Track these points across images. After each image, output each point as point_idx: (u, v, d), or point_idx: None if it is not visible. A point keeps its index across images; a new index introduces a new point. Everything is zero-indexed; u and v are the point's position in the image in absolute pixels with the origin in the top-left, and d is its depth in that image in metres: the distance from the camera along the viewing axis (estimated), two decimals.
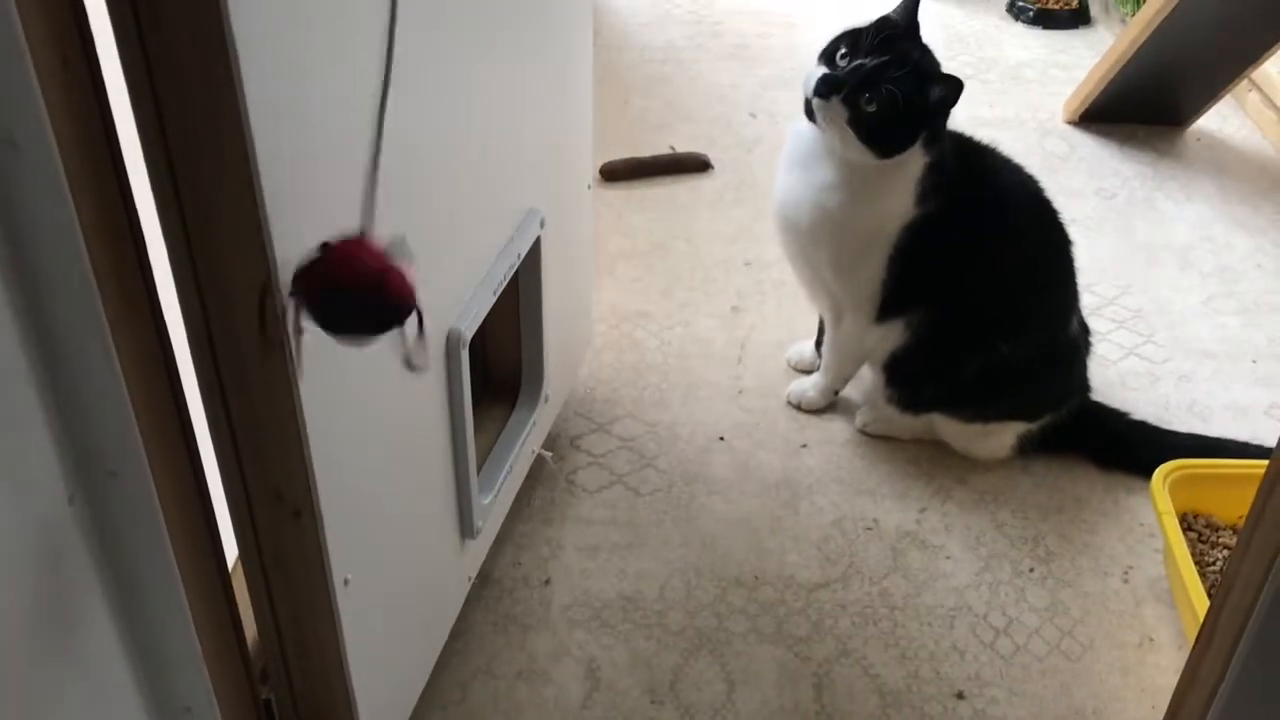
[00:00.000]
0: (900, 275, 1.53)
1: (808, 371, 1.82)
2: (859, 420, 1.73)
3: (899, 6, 1.46)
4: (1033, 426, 1.64)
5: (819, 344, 1.79)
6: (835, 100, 1.41)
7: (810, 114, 1.46)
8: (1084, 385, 1.67)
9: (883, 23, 1.43)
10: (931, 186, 1.48)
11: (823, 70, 1.44)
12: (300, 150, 0.83)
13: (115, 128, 0.74)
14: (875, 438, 1.72)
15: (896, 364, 1.62)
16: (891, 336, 1.59)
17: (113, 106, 0.74)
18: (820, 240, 1.54)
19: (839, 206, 1.50)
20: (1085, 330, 1.66)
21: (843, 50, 1.43)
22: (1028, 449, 1.67)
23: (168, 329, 0.83)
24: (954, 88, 1.41)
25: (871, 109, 1.40)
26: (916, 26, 1.46)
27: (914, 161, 1.47)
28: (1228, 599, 0.88)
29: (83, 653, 0.82)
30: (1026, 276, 1.58)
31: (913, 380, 1.62)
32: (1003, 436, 1.65)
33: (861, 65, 1.40)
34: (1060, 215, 1.60)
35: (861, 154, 1.44)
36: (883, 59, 1.40)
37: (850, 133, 1.42)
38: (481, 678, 1.37)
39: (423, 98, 1.02)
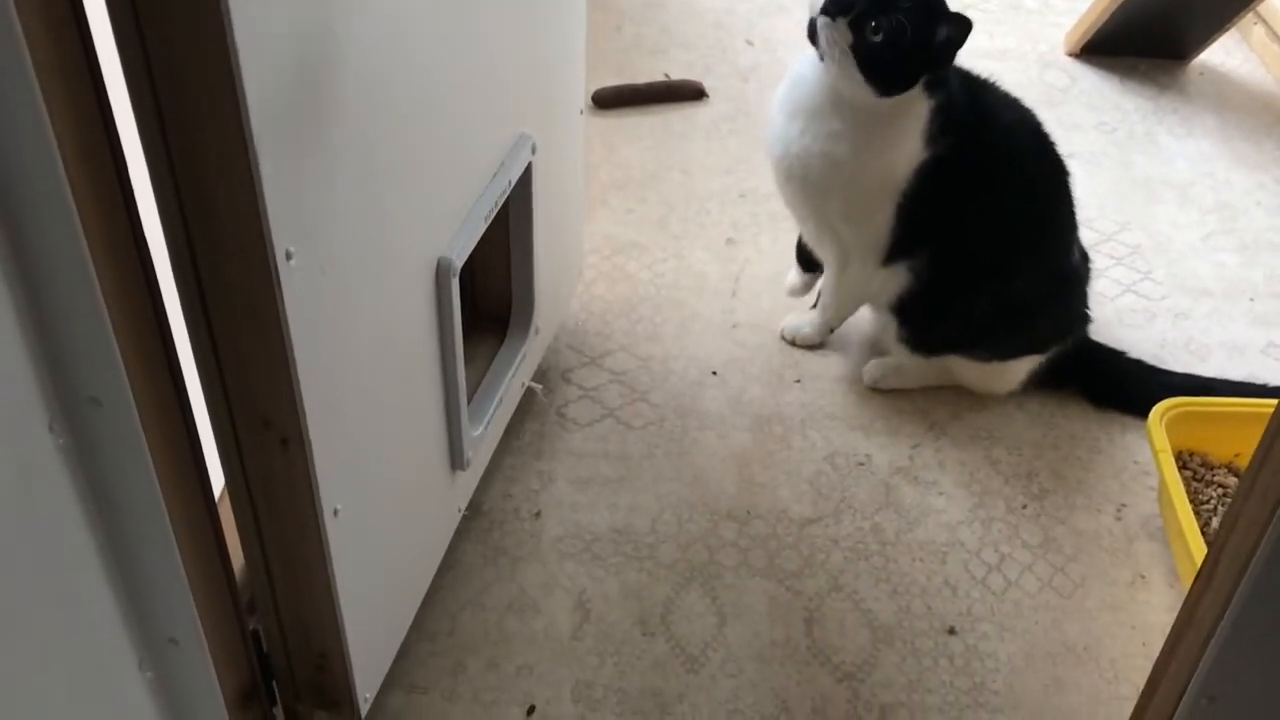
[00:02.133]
0: (910, 218, 1.50)
1: (799, 295, 1.79)
2: (868, 377, 1.69)
3: None
4: (1042, 358, 1.64)
5: (804, 263, 1.75)
6: (841, 22, 1.36)
7: (813, 37, 1.42)
8: (1085, 314, 1.67)
9: None
10: (940, 127, 1.45)
11: None
12: (288, 59, 0.80)
13: (94, 43, 0.71)
14: None
15: (907, 305, 1.59)
16: (897, 279, 1.56)
17: (91, 19, 0.71)
18: (831, 191, 1.51)
19: (850, 155, 1.46)
20: (1085, 258, 1.65)
21: None
22: (1033, 383, 1.66)
23: (150, 251, 0.80)
24: (962, 28, 1.36)
25: (877, 38, 1.35)
26: None
27: (917, 105, 1.43)
28: (1229, 539, 0.87)
29: (66, 583, 0.81)
30: (1032, 211, 1.56)
31: (926, 320, 1.59)
32: (1018, 370, 1.64)
33: None
34: (1058, 148, 1.57)
35: (860, 88, 1.40)
36: None
37: (851, 61, 1.38)
38: (471, 609, 1.36)
39: (412, 16, 0.98)
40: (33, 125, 0.67)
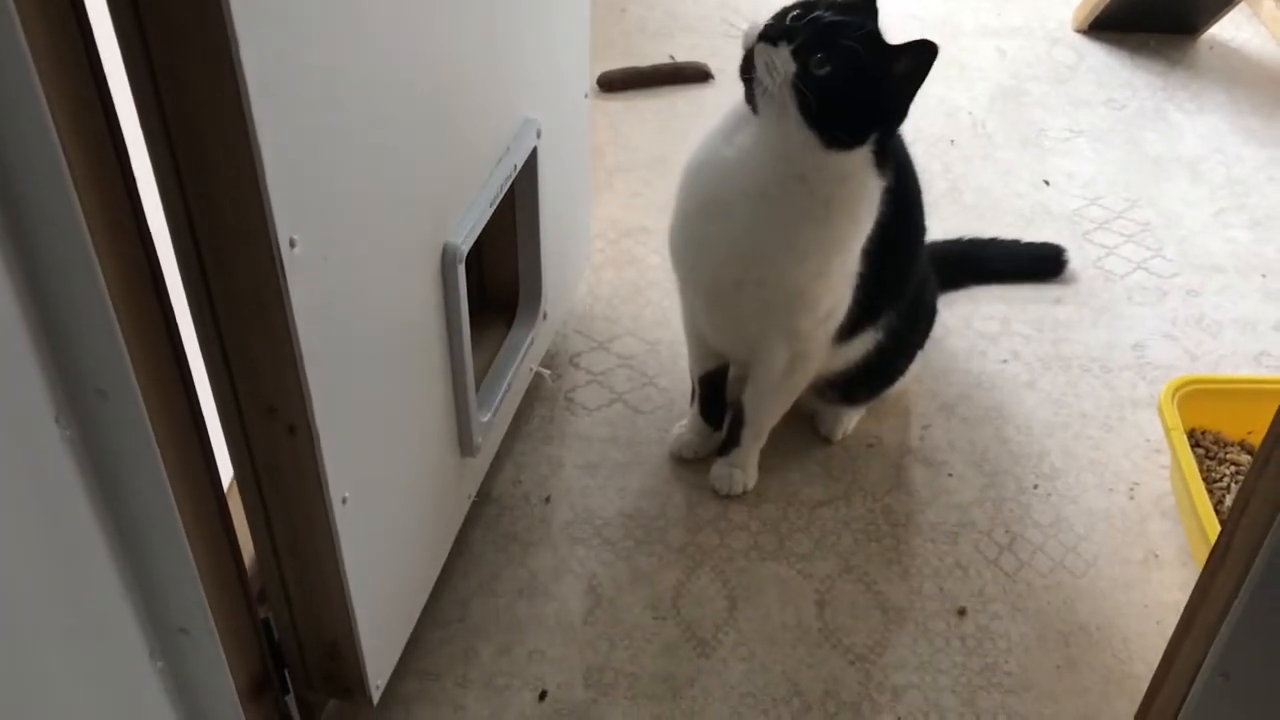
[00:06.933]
0: (868, 290, 1.34)
1: (698, 457, 1.52)
2: (835, 436, 1.57)
3: None
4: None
5: (708, 412, 1.51)
6: (784, 49, 1.15)
7: (748, 77, 1.19)
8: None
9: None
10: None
11: (771, 21, 1.19)
12: (289, 44, 0.79)
13: (93, 32, 0.70)
14: None
15: (860, 370, 1.45)
16: (859, 347, 1.42)
17: (90, 9, 0.70)
18: (793, 296, 1.30)
19: (813, 244, 1.25)
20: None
21: (796, 13, 1.18)
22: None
23: (153, 240, 0.80)
24: (923, 57, 1.14)
25: (824, 71, 1.13)
26: (875, 6, 1.22)
27: (869, 182, 1.23)
28: (1243, 516, 0.86)
29: (76, 575, 0.81)
30: (916, 217, 1.43)
31: (871, 378, 1.48)
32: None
33: (820, 16, 1.15)
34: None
35: (801, 137, 1.17)
36: (844, 19, 1.16)
37: (791, 100, 1.15)
38: (482, 595, 1.36)
39: (415, 2, 0.97)
40: (32, 115, 0.66)
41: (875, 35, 1.18)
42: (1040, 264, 1.85)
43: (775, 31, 1.16)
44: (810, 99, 1.15)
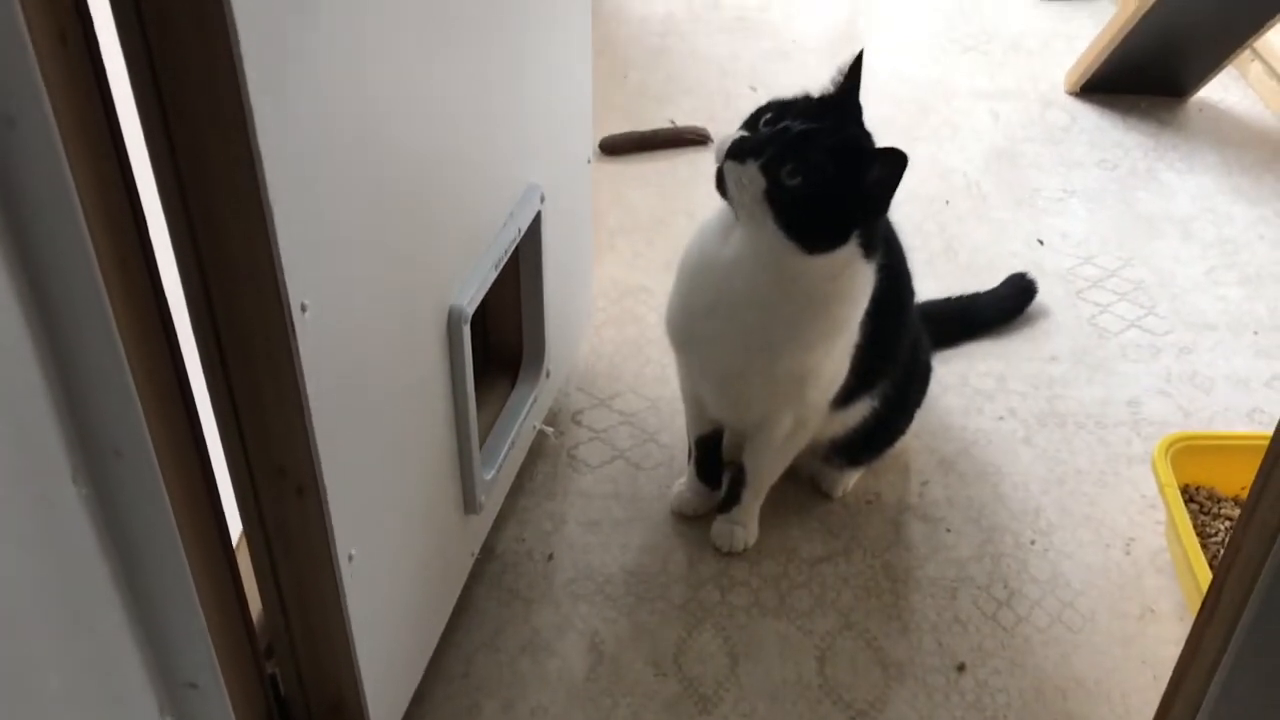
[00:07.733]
0: (865, 360, 1.37)
1: (698, 515, 1.55)
2: (836, 492, 1.59)
3: (836, 75, 1.24)
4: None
5: (705, 474, 1.53)
6: (752, 165, 1.16)
7: (722, 187, 1.20)
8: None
9: (815, 96, 1.23)
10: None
11: (741, 132, 1.20)
12: (301, 118, 0.82)
13: (114, 104, 0.74)
14: None
15: (854, 438, 1.48)
16: (856, 413, 1.45)
17: (111, 83, 0.73)
18: (792, 387, 1.33)
19: (803, 343, 1.28)
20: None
21: (768, 116, 1.20)
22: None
23: (169, 305, 0.83)
24: (895, 165, 1.14)
25: (795, 182, 1.14)
26: (857, 100, 1.24)
27: (860, 271, 1.23)
28: (1231, 571, 0.88)
29: (88, 629, 0.82)
30: (906, 282, 1.47)
31: (871, 440, 1.52)
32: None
33: (788, 128, 1.17)
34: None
35: (781, 246, 1.18)
36: (813, 126, 1.17)
37: (767, 213, 1.17)
38: (486, 651, 1.37)
39: (423, 72, 1.01)
40: (56, 183, 0.70)
41: (846, 142, 1.18)
42: (1018, 298, 1.90)
43: (743, 148, 1.17)
44: (783, 211, 1.16)
